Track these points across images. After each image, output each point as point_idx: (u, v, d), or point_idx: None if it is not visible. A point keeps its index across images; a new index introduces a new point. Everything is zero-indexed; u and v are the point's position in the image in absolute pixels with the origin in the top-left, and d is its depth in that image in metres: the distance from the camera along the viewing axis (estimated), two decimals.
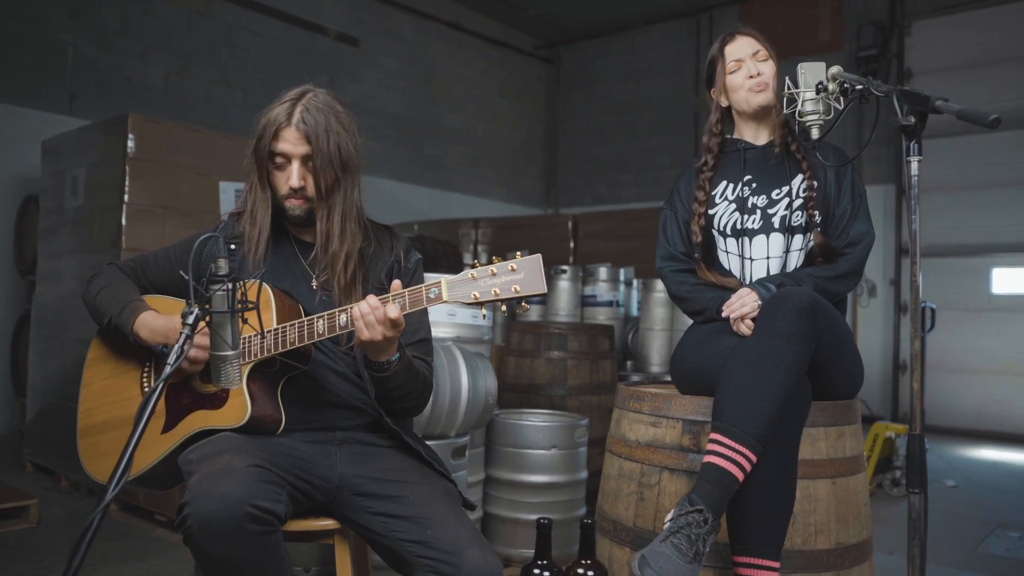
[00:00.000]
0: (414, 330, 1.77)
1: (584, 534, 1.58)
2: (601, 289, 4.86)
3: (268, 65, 7.33)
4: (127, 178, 4.00)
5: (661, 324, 4.58)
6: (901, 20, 7.57)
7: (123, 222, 3.98)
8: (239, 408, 1.56)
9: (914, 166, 1.39)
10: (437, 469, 1.72)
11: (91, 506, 3.78)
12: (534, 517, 2.86)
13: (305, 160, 1.66)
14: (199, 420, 1.58)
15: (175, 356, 1.26)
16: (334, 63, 7.88)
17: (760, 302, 1.82)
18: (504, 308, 1.46)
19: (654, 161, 9.39)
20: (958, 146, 6.75)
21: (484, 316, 1.50)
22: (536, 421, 2.99)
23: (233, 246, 1.74)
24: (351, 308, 1.51)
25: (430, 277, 1.71)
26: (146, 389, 1.70)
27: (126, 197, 3.99)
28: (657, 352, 4.56)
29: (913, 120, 1.36)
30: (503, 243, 7.30)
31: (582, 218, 7.09)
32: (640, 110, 9.54)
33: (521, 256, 1.45)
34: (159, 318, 1.65)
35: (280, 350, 1.55)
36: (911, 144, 1.38)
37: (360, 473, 1.62)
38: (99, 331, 1.82)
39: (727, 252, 2.02)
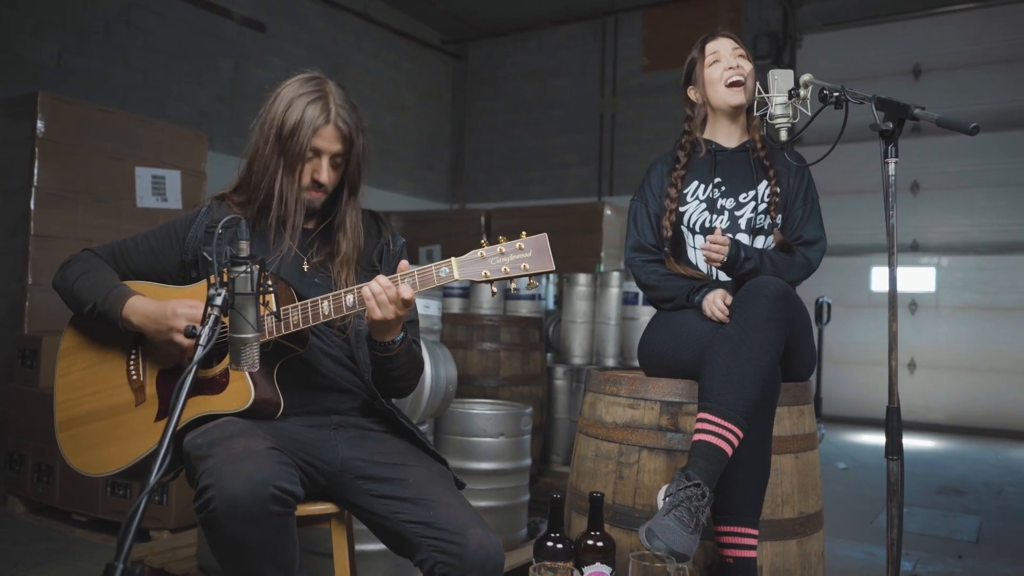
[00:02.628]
0: None
1: (593, 507, 1.66)
2: (523, 282, 4.94)
3: (170, 47, 7.01)
4: (36, 160, 3.78)
5: (583, 317, 4.71)
6: (793, 33, 8.06)
7: (31, 207, 3.76)
8: (242, 392, 1.54)
9: (891, 167, 1.54)
10: (429, 451, 1.75)
11: None
12: (482, 504, 2.94)
13: (334, 156, 1.68)
14: (198, 406, 1.55)
15: (206, 338, 1.24)
16: (239, 48, 7.63)
17: (726, 259, 1.96)
18: (514, 286, 1.52)
19: (560, 159, 9.58)
20: (844, 153, 7.25)
21: (494, 294, 1.55)
22: (484, 410, 3.05)
23: (221, 230, 1.72)
24: (361, 288, 1.53)
25: None
26: (134, 377, 1.64)
27: (35, 181, 3.77)
28: (579, 344, 4.70)
29: (891, 126, 1.51)
30: (415, 236, 7.28)
31: (495, 213, 7.18)
32: (546, 109, 9.72)
33: (527, 236, 1.52)
34: (150, 303, 1.60)
35: (288, 331, 1.55)
36: (889, 147, 1.53)
37: (360, 456, 1.63)
38: (72, 320, 1.74)
39: (695, 248, 2.15)
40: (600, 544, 1.65)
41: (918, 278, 7.63)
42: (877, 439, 6.75)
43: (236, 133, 7.48)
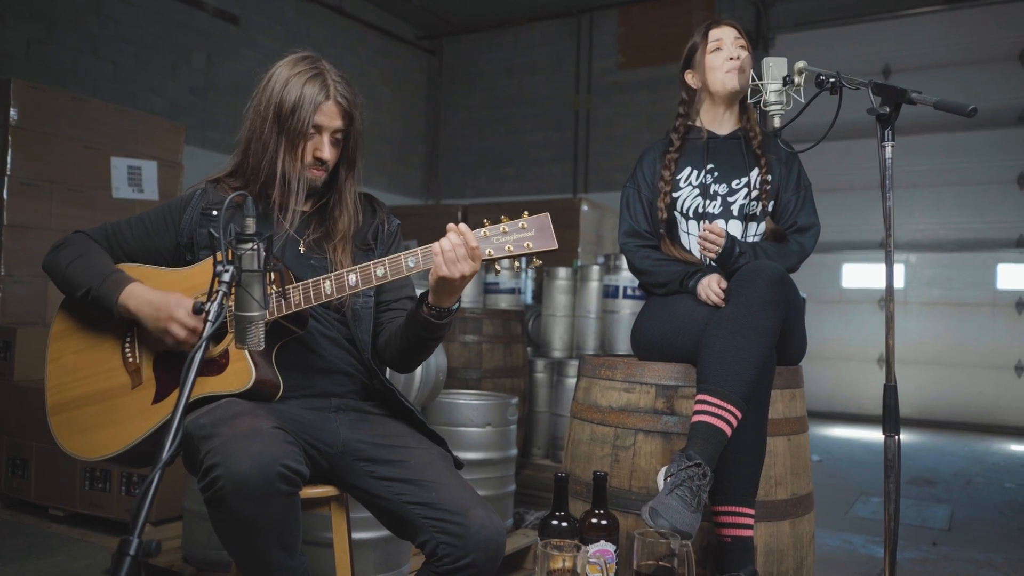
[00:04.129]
0: (400, 287, 1.82)
1: (597, 486, 1.67)
2: (504, 276, 4.95)
3: (141, 38, 6.90)
4: (9, 149, 3.70)
5: (563, 311, 4.72)
6: (766, 32, 8.17)
7: (4, 196, 3.69)
8: (242, 373, 1.52)
9: (888, 151, 1.57)
10: (428, 432, 1.75)
11: None
12: None
13: (335, 133, 1.67)
14: (198, 386, 1.52)
15: (215, 313, 1.23)
16: (212, 40, 7.53)
17: (721, 252, 1.98)
18: (517, 264, 1.52)
19: (535, 156, 9.60)
20: (816, 151, 7.38)
21: (497, 272, 1.54)
22: (471, 400, 3.05)
23: (215, 212, 1.70)
24: (428, 247, 1.50)
25: None
26: (130, 359, 1.62)
27: (7, 170, 3.69)
28: (559, 337, 4.71)
29: (888, 110, 1.54)
30: None
31: (472, 208, 7.16)
32: (521, 105, 9.73)
33: (529, 215, 1.52)
34: (151, 291, 1.57)
35: (289, 311, 1.54)
36: (886, 131, 1.56)
37: (361, 439, 1.62)
38: (64, 303, 1.71)
39: (688, 233, 2.17)
40: (604, 522, 1.66)
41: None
42: (848, 432, 6.87)
43: (209, 126, 7.39)
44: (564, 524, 1.64)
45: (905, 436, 6.75)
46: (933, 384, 7.43)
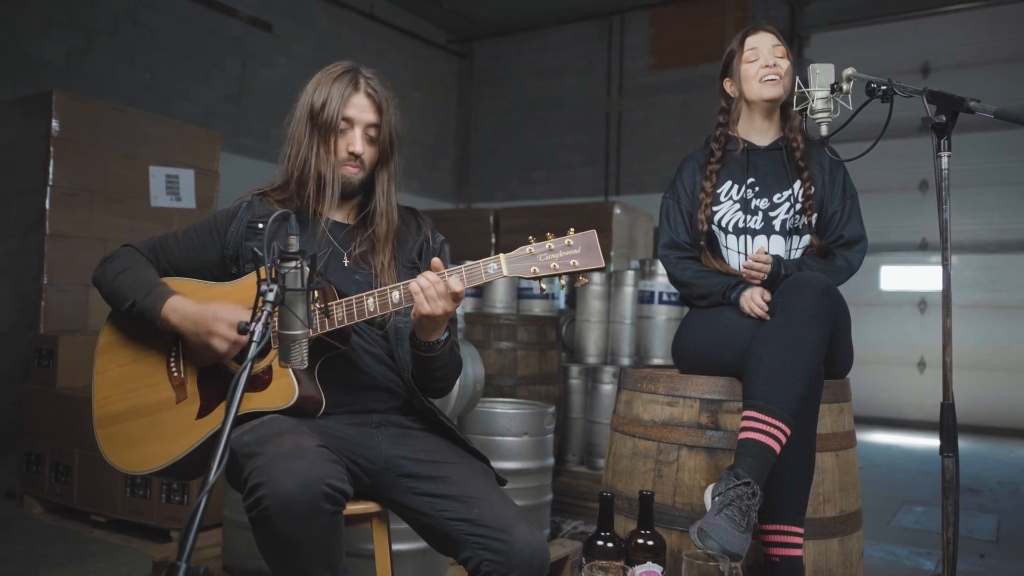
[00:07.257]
0: None
1: (644, 506, 1.65)
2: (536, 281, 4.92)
3: (176, 46, 6.99)
4: (51, 159, 3.75)
5: (597, 316, 4.69)
6: (801, 32, 8.05)
7: (47, 206, 3.74)
8: (286, 389, 1.52)
9: (944, 160, 1.52)
10: (470, 449, 1.74)
11: None
12: None
13: (367, 127, 1.67)
14: (241, 403, 1.52)
15: (260, 334, 1.22)
16: (246, 47, 7.61)
17: (766, 276, 1.94)
18: (563, 282, 1.50)
19: (566, 159, 9.56)
20: (850, 152, 7.27)
21: (543, 290, 1.53)
22: (508, 409, 3.03)
23: (261, 225, 1.70)
24: (408, 283, 1.51)
25: None
26: (175, 374, 1.62)
27: (50, 180, 3.75)
28: (594, 343, 4.67)
29: (944, 119, 1.49)
30: None
31: (504, 213, 7.15)
32: (552, 108, 9.70)
33: (575, 232, 1.50)
34: (192, 304, 1.58)
35: (332, 328, 1.53)
36: (942, 140, 1.51)
37: (403, 454, 1.61)
38: (111, 316, 1.72)
39: (728, 248, 2.12)
40: (651, 543, 1.63)
41: (927, 277, 7.61)
42: (888, 438, 6.74)
43: (243, 133, 7.46)
44: (610, 545, 1.61)
45: None
46: (975, 389, 7.25)
